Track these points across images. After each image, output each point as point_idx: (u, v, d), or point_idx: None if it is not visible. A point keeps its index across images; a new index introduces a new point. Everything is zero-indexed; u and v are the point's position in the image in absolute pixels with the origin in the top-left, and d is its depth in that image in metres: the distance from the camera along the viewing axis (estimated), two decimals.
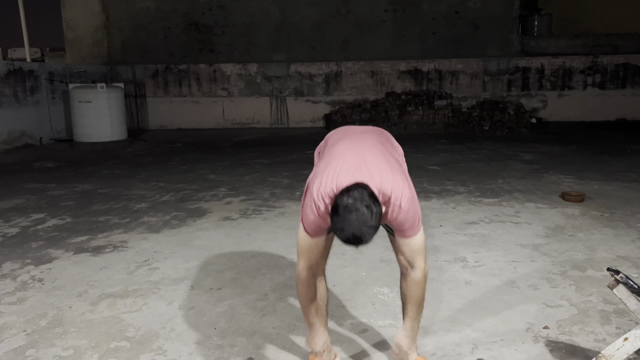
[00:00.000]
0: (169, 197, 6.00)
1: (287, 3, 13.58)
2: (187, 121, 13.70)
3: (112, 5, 13.78)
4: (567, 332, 2.77)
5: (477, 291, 3.30)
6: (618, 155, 8.25)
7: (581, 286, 3.35)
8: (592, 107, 13.35)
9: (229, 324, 2.91)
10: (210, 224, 4.89)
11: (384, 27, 13.57)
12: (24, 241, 4.43)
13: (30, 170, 7.84)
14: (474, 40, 13.53)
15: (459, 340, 2.69)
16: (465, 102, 13.33)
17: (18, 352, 2.65)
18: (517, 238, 4.34)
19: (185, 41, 13.85)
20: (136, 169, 7.84)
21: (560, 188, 6.03)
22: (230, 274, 3.65)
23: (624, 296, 2.17)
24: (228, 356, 2.59)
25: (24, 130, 10.32)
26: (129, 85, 13.46)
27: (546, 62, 13.33)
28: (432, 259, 3.87)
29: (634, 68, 13.25)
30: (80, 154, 9.56)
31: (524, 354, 2.56)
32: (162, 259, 3.96)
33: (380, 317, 2.96)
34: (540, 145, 9.59)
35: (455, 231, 4.55)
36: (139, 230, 4.71)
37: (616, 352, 2.15)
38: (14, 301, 3.25)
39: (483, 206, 5.36)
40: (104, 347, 2.68)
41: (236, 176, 7.10)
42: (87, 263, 3.91)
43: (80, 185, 6.71)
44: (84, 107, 10.41)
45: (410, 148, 9.56)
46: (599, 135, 10.87)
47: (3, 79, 9.78)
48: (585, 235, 4.38)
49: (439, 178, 6.76)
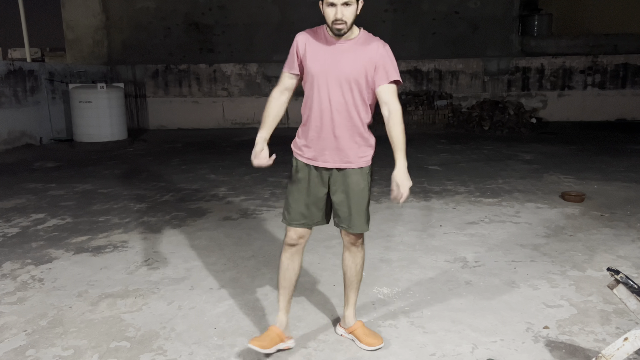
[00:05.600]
0: (169, 197, 6.00)
1: (287, 3, 13.58)
2: (187, 121, 13.70)
3: (112, 5, 13.78)
4: (567, 332, 2.77)
5: (477, 291, 3.30)
6: (618, 155, 8.25)
7: (581, 286, 3.36)
8: (592, 107, 13.35)
9: (229, 324, 2.91)
10: (210, 224, 4.89)
11: (384, 27, 13.56)
12: (24, 241, 4.43)
13: (30, 170, 7.84)
14: (474, 40, 13.53)
15: (459, 340, 2.69)
16: (465, 102, 13.33)
17: (18, 352, 2.65)
18: (517, 238, 4.34)
19: (185, 41, 13.85)
20: (136, 169, 7.84)
21: (560, 188, 6.03)
22: (230, 274, 3.65)
23: (624, 296, 2.17)
24: (228, 356, 2.59)
25: (24, 130, 10.33)
26: (129, 85, 13.46)
27: (546, 62, 13.33)
28: (432, 259, 3.87)
29: (634, 68, 13.25)
30: (80, 154, 9.56)
31: (524, 354, 2.56)
32: (162, 259, 3.96)
33: (381, 317, 2.96)
34: (540, 145, 9.60)
35: (455, 231, 4.55)
36: (139, 230, 4.71)
37: (616, 352, 2.15)
38: (14, 301, 3.25)
39: (483, 206, 5.36)
40: (104, 347, 2.68)
41: (236, 176, 7.10)
42: (87, 263, 3.91)
43: (80, 185, 6.71)
44: (84, 107, 10.41)
45: (410, 148, 9.52)
46: (599, 135, 10.87)
47: (3, 79, 9.78)
48: (585, 235, 4.38)
49: (439, 178, 6.76)
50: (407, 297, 3.23)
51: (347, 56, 2.38)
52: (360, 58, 2.37)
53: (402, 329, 2.83)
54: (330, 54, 2.39)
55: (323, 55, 2.40)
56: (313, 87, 2.43)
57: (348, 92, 2.39)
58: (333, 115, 2.41)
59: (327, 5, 2.32)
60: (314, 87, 2.43)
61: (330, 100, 2.40)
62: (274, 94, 2.56)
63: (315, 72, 2.41)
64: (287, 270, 2.61)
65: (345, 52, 2.38)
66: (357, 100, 2.41)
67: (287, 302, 2.66)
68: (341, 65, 2.37)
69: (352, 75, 2.37)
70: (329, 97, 2.40)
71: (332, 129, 2.42)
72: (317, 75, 2.40)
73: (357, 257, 2.67)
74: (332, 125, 2.42)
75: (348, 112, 2.41)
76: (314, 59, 2.41)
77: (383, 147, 2.80)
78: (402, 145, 2.40)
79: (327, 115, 2.42)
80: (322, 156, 2.47)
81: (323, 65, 2.39)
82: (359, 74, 2.38)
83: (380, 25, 13.57)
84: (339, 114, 2.41)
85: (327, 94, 2.40)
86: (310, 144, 2.49)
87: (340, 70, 2.37)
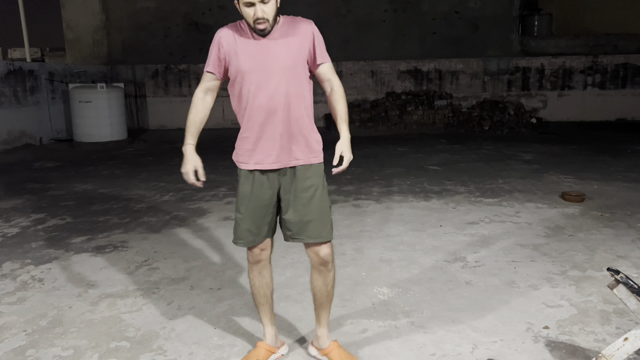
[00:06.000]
0: (169, 197, 6.00)
1: (287, 3, 13.52)
2: None
3: (112, 5, 13.78)
4: (567, 332, 2.77)
5: (477, 291, 3.30)
6: (618, 155, 8.25)
7: (581, 286, 3.35)
8: (592, 107, 13.35)
9: (229, 324, 2.91)
10: (210, 224, 4.89)
11: (384, 27, 13.57)
12: (24, 241, 4.43)
13: (30, 170, 7.84)
14: (474, 40, 13.53)
15: (459, 340, 2.69)
16: (465, 102, 13.33)
17: (18, 352, 2.65)
18: (517, 238, 4.34)
19: (185, 41, 13.85)
20: (136, 169, 7.84)
21: (560, 188, 6.03)
22: (230, 274, 3.65)
23: (624, 296, 2.17)
24: (228, 356, 2.59)
25: (24, 130, 10.33)
26: (129, 85, 13.46)
27: (546, 62, 13.33)
28: (432, 259, 3.87)
29: (634, 68, 13.25)
30: (80, 154, 9.56)
31: (524, 354, 2.56)
32: (162, 259, 3.96)
33: (381, 317, 2.96)
34: (540, 145, 9.59)
35: (455, 231, 4.55)
36: (139, 230, 4.71)
37: (616, 352, 2.15)
38: (14, 301, 3.25)
39: (483, 206, 5.36)
40: (104, 347, 2.68)
41: (236, 176, 7.09)
42: (87, 263, 3.91)
43: (80, 185, 6.71)
44: (84, 107, 10.41)
45: (410, 148, 9.57)
46: (599, 135, 10.87)
47: (3, 79, 9.78)
48: (585, 235, 4.38)
49: (439, 178, 6.76)
50: (407, 297, 3.23)
51: (279, 45, 2.22)
52: (293, 44, 2.23)
53: (402, 329, 2.83)
54: (259, 47, 2.22)
55: (252, 50, 2.22)
56: (246, 85, 2.25)
57: (287, 82, 2.24)
58: (276, 110, 2.24)
59: (244, 5, 2.16)
60: (247, 85, 2.24)
61: (271, 96, 2.23)
62: (198, 93, 2.39)
63: (247, 69, 2.23)
64: (260, 287, 2.48)
65: (275, 41, 2.22)
66: (298, 90, 2.27)
67: (271, 316, 2.56)
68: (275, 56, 2.21)
69: (289, 63, 2.23)
70: (268, 93, 2.22)
71: (276, 125, 2.25)
72: (250, 72, 2.22)
73: (328, 277, 2.43)
74: (275, 122, 2.25)
75: (290, 105, 2.25)
76: (243, 56, 2.23)
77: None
78: (346, 117, 2.30)
79: (269, 112, 2.24)
80: (269, 157, 2.29)
81: (254, 60, 2.22)
82: (295, 60, 2.24)
83: (380, 25, 13.58)
84: (282, 108, 2.24)
85: (268, 89, 2.22)
86: (254, 146, 2.30)
87: (274, 61, 2.21)
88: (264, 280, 2.48)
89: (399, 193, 5.79)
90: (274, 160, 2.29)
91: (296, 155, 2.31)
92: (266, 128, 2.27)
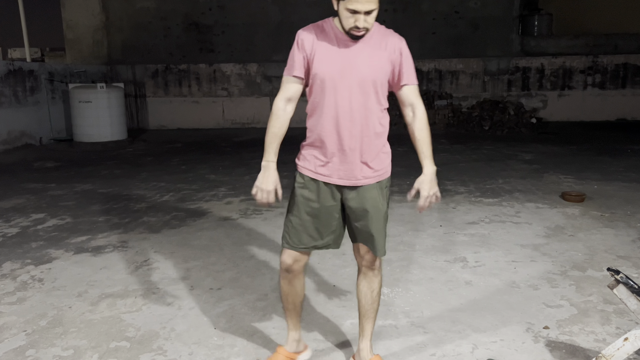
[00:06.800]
0: (169, 197, 6.00)
1: (287, 3, 13.58)
2: (187, 121, 13.70)
3: (112, 5, 13.78)
4: (567, 332, 2.77)
5: (477, 291, 3.30)
6: (618, 155, 8.25)
7: (581, 286, 3.36)
8: (592, 107, 13.35)
9: (229, 324, 2.91)
10: (210, 224, 4.89)
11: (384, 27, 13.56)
12: (24, 241, 4.43)
13: (30, 170, 7.84)
14: (474, 40, 13.52)
15: (459, 340, 2.69)
16: (465, 102, 13.32)
17: (18, 352, 2.65)
18: (517, 238, 4.34)
19: (185, 41, 13.85)
20: (136, 169, 7.84)
21: (560, 188, 6.03)
22: (230, 274, 3.65)
23: (624, 296, 2.17)
24: (228, 356, 2.59)
25: (24, 130, 10.33)
26: (129, 85, 13.46)
27: (546, 62, 13.32)
28: (432, 259, 3.87)
29: (634, 68, 13.25)
30: (80, 154, 9.56)
31: (524, 354, 2.56)
32: (162, 259, 3.96)
33: (381, 317, 2.95)
34: (540, 145, 9.59)
35: (455, 231, 4.55)
36: (139, 230, 4.71)
37: (616, 352, 2.15)
38: (14, 301, 3.25)
39: (483, 206, 5.36)
40: (104, 347, 2.68)
41: (236, 176, 7.10)
42: (87, 263, 3.91)
43: (80, 185, 6.71)
44: (84, 107, 10.41)
45: (410, 148, 9.53)
46: (599, 135, 10.86)
47: (3, 79, 9.78)
48: (585, 235, 4.38)
49: (439, 178, 6.70)
50: (407, 297, 3.23)
51: (363, 55, 2.10)
52: (377, 57, 2.12)
53: (402, 329, 2.83)
54: (343, 53, 2.11)
55: (334, 56, 2.11)
56: (324, 93, 2.13)
57: (367, 96, 2.12)
58: (353, 124, 2.13)
59: (347, 10, 2.01)
60: (325, 93, 2.13)
61: (349, 108, 2.11)
62: (278, 104, 2.20)
63: (327, 76, 2.10)
64: (289, 295, 2.40)
65: (361, 51, 2.10)
66: (377, 105, 2.16)
67: (296, 321, 2.48)
68: (355, 65, 2.10)
69: (371, 77, 2.11)
70: (346, 104, 2.11)
71: (352, 140, 2.14)
72: (329, 79, 2.10)
73: (374, 282, 2.37)
74: (352, 136, 2.14)
75: (368, 120, 2.14)
76: (324, 60, 2.11)
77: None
78: (430, 150, 2.22)
79: (346, 124, 2.13)
80: (338, 172, 2.19)
81: (336, 67, 2.10)
82: (376, 74, 2.12)
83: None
84: (359, 123, 2.13)
85: (344, 99, 2.11)
86: (325, 158, 2.19)
87: (356, 71, 2.10)
88: (293, 289, 2.39)
89: (399, 193, 5.79)
90: (342, 176, 2.20)
91: (365, 173, 2.21)
92: (341, 141, 2.16)
